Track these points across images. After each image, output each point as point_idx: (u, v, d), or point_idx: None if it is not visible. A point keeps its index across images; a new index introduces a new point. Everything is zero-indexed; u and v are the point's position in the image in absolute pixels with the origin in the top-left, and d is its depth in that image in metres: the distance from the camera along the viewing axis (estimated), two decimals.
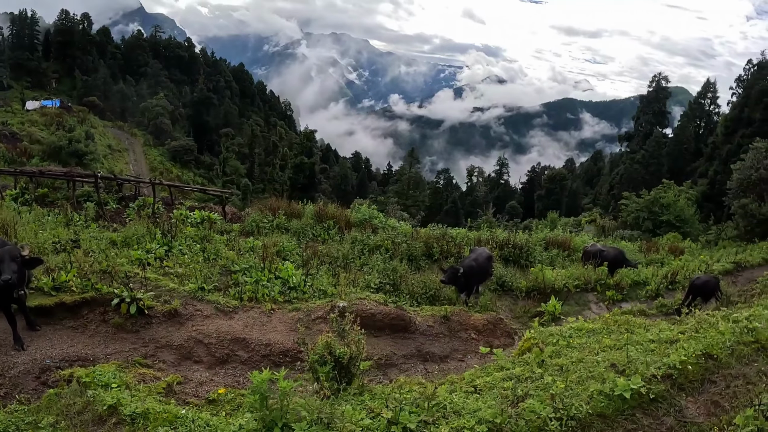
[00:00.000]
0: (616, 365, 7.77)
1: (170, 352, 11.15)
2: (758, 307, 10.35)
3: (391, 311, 13.24)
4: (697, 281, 18.29)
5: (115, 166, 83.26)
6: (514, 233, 24.97)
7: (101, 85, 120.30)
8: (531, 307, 17.24)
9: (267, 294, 13.82)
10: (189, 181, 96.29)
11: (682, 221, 44.23)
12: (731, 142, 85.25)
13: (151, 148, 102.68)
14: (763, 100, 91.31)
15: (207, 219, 21.50)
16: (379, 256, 19.13)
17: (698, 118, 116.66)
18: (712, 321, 9.34)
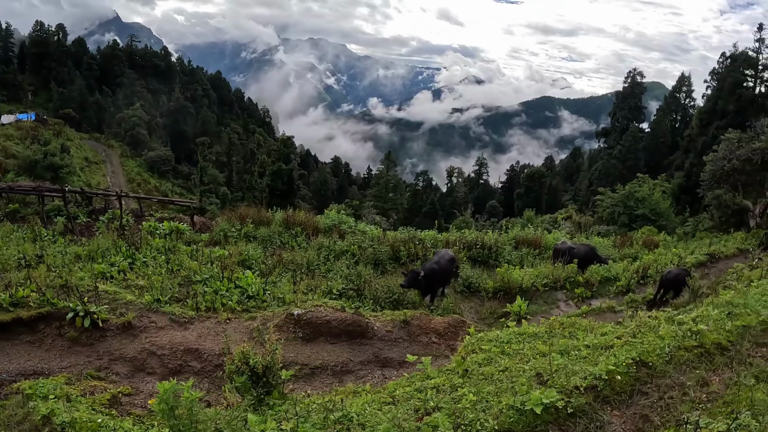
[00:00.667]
0: (541, 375, 7.31)
1: (123, 364, 11.26)
2: (707, 307, 9.96)
3: (347, 317, 13.06)
4: (668, 275, 18.23)
5: (92, 178, 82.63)
6: (484, 233, 24.76)
7: (77, 96, 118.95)
8: (497, 308, 17.09)
9: (224, 303, 13.80)
10: (167, 191, 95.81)
11: (657, 214, 44.18)
12: (706, 134, 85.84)
13: (128, 159, 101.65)
14: (736, 92, 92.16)
15: (175, 230, 21.42)
16: (344, 262, 19.00)
17: (674, 112, 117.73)
18: (653, 324, 8.96)
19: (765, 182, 37.69)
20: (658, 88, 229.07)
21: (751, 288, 11.16)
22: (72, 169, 75.37)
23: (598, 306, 17.27)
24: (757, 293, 10.35)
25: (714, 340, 7.99)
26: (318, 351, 12.23)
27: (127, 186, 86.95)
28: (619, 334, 8.81)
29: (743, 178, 38.28)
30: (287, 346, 11.93)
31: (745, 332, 8.34)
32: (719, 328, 8.35)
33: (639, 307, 17.52)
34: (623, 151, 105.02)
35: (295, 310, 12.92)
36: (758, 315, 8.90)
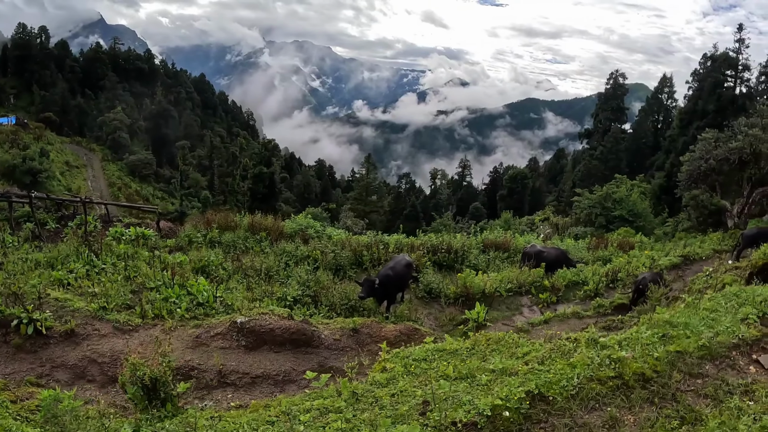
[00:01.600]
0: (429, 403, 6.65)
1: (65, 372, 11.26)
2: (642, 326, 8.83)
3: (291, 325, 12.76)
4: (642, 281, 17.73)
5: (72, 183, 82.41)
6: (452, 236, 24.27)
7: (59, 100, 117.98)
8: (456, 315, 16.60)
9: (172, 311, 13.55)
10: (148, 195, 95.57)
11: (635, 215, 43.87)
12: (686, 135, 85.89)
13: (109, 163, 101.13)
14: (716, 92, 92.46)
15: (141, 236, 21.07)
16: (303, 268, 18.59)
17: (656, 113, 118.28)
18: (569, 347, 7.96)
19: (743, 182, 37.30)
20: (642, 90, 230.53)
21: (703, 301, 10.11)
22: (51, 173, 75.00)
23: (563, 312, 16.73)
24: (707, 308, 9.37)
25: (636, 370, 7.01)
26: (261, 359, 11.99)
27: (108, 190, 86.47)
28: (529, 358, 7.89)
29: (721, 178, 37.88)
30: (229, 355, 11.84)
31: (678, 360, 7.40)
32: (646, 355, 7.36)
33: (606, 312, 17.03)
34: (605, 152, 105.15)
35: (238, 317, 12.67)
36: (698, 338, 7.91)
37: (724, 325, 8.43)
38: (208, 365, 11.46)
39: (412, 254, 20.41)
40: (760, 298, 9.22)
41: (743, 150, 35.37)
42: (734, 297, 9.66)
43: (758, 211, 37.97)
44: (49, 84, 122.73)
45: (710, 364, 7.52)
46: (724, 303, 9.50)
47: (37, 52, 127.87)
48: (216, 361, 11.49)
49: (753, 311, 8.67)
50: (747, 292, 9.78)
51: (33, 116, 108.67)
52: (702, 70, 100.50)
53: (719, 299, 9.69)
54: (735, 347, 7.87)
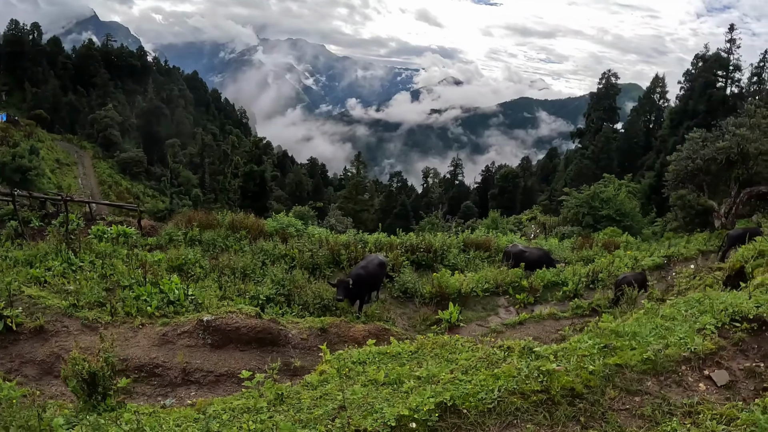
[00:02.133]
0: (345, 408, 6.42)
1: (33, 367, 11.33)
2: (585, 336, 8.28)
3: (257, 324, 12.70)
4: (623, 280, 17.55)
5: (63, 180, 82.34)
6: (433, 235, 24.08)
7: (50, 97, 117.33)
8: (430, 315, 16.39)
9: (142, 309, 13.57)
10: (139, 193, 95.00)
11: (622, 215, 43.69)
12: (677, 135, 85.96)
13: (100, 161, 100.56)
14: (706, 92, 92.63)
15: (122, 234, 21.11)
16: (280, 266, 18.47)
17: (648, 113, 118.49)
18: (499, 356, 7.59)
19: (730, 182, 37.15)
20: (635, 90, 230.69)
21: (664, 307, 9.44)
22: (41, 171, 74.38)
23: (539, 313, 16.53)
24: (665, 316, 8.70)
25: (565, 384, 6.45)
26: (226, 358, 11.96)
27: (98, 188, 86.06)
28: (459, 366, 7.47)
29: (708, 178, 37.69)
30: (195, 353, 11.84)
31: (616, 374, 6.86)
32: (580, 368, 6.81)
33: (584, 313, 16.84)
34: (596, 152, 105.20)
35: (205, 316, 12.65)
36: (643, 350, 7.30)
37: (678, 335, 7.80)
38: (173, 363, 11.45)
39: (390, 253, 20.25)
40: (723, 305, 8.52)
41: (731, 150, 35.24)
42: (696, 304, 9.07)
43: (746, 212, 37.86)
44: (41, 81, 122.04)
45: (653, 380, 6.92)
46: (684, 310, 8.90)
47: (29, 49, 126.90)
48: (180, 359, 11.48)
49: (712, 321, 8.07)
50: (711, 299, 9.18)
51: (24, 113, 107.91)
52: (694, 71, 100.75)
53: (680, 306, 9.14)
54: (685, 361, 7.28)
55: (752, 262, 12.35)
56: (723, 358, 7.42)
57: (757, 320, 7.97)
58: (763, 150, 34.55)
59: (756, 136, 34.79)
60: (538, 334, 14.89)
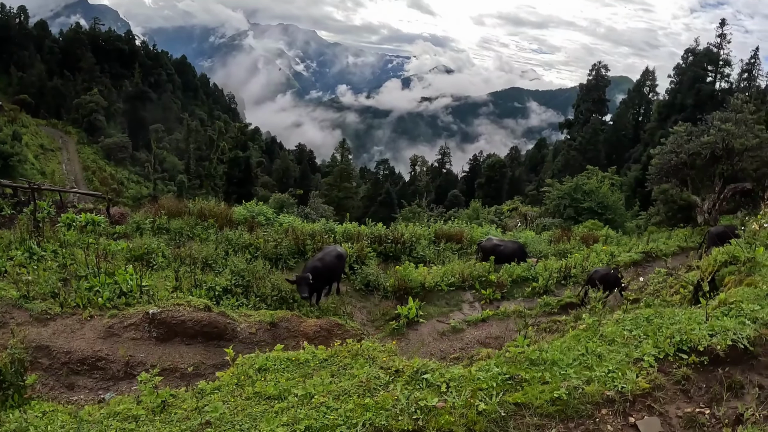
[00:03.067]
0: (210, 425, 6.04)
1: None
2: (492, 361, 6.85)
3: (203, 317, 12.43)
4: (594, 275, 17.06)
5: (47, 166, 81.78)
6: (405, 225, 23.54)
7: (36, 81, 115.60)
8: (390, 309, 15.88)
9: (93, 300, 13.24)
10: (123, 179, 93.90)
11: (604, 208, 43.06)
12: (665, 128, 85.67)
13: (84, 146, 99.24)
14: (695, 86, 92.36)
15: (91, 222, 20.82)
16: (242, 257, 18.04)
17: (637, 106, 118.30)
18: (384, 380, 6.68)
19: (714, 178, 36.66)
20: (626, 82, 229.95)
21: (606, 324, 8.03)
22: (23, 157, 73.28)
23: (503, 310, 15.97)
24: (604, 337, 7.41)
25: (444, 426, 5.46)
26: (171, 352, 11.77)
27: (82, 173, 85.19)
28: (343, 387, 6.57)
29: (692, 172, 37.21)
30: (140, 346, 11.66)
31: (513, 417, 5.67)
32: (470, 405, 5.66)
33: (552, 311, 16.29)
34: (583, 143, 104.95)
35: (150, 308, 12.44)
36: (556, 386, 6.03)
37: (607, 367, 6.47)
38: (117, 356, 11.26)
39: (356, 244, 19.64)
40: (671, 330, 7.10)
41: (716, 145, 34.78)
42: (644, 323, 7.77)
43: (730, 208, 37.46)
44: (28, 65, 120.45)
45: (561, 426, 5.64)
46: (628, 331, 7.54)
47: (15, 33, 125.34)
48: (121, 351, 11.30)
49: (653, 351, 6.67)
50: (662, 319, 7.86)
51: (10, 98, 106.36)
52: (684, 65, 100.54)
53: (626, 323, 7.86)
54: (608, 403, 5.89)
55: (724, 270, 11.41)
56: (658, 401, 6.01)
57: (709, 353, 6.58)
58: (749, 146, 34.08)
59: (742, 132, 34.33)
60: (500, 333, 14.42)
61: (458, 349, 13.79)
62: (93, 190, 79.65)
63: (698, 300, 10.08)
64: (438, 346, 14.07)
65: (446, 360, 12.89)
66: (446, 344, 14.20)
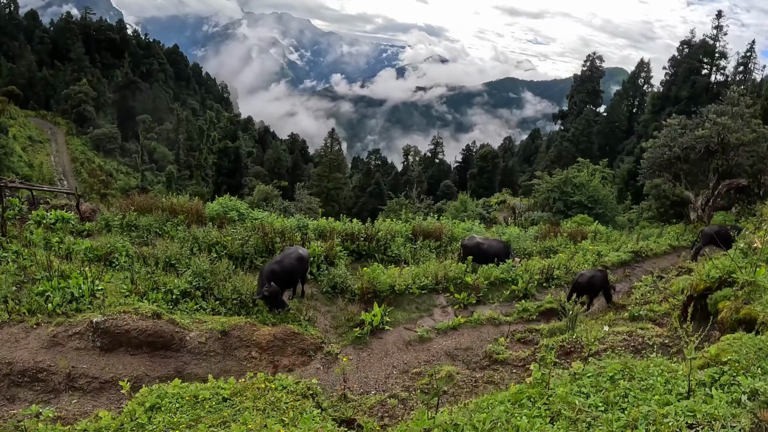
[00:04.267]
0: None
1: None
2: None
3: (147, 326, 11.91)
4: (580, 278, 16.16)
5: (34, 158, 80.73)
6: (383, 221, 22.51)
7: (26, 72, 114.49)
8: (356, 315, 15.02)
9: (42, 306, 12.69)
10: (112, 170, 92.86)
11: (594, 202, 41.96)
12: (659, 120, 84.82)
13: (73, 137, 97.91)
14: (690, 78, 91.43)
15: (61, 219, 20.07)
16: (205, 256, 17.00)
17: (631, 97, 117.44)
18: None
19: (708, 173, 35.67)
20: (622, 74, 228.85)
21: (559, 384, 6.44)
22: (9, 149, 72.15)
23: (477, 317, 14.96)
24: (555, 401, 5.95)
25: None
26: (114, 363, 11.39)
27: (71, 165, 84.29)
28: None
29: (686, 167, 36.25)
30: (83, 356, 11.30)
31: None
32: None
33: (531, 318, 15.29)
34: (576, 134, 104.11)
35: (95, 316, 11.96)
36: None
37: None
38: (59, 367, 10.90)
39: (324, 243, 18.59)
40: (642, 408, 5.37)
41: (710, 139, 33.85)
42: (607, 385, 6.12)
43: (724, 205, 36.55)
44: (18, 56, 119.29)
45: None
46: (584, 397, 5.98)
47: (5, 23, 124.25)
48: (61, 363, 10.94)
49: None
50: (632, 379, 6.20)
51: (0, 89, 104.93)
52: (679, 56, 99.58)
53: (584, 382, 6.31)
54: None
55: (718, 294, 9.95)
56: None
57: None
58: (745, 140, 33.11)
59: (738, 126, 33.37)
60: (470, 343, 13.52)
61: (423, 362, 12.97)
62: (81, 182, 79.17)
63: (687, 317, 8.97)
64: (402, 358, 13.25)
65: (408, 374, 12.00)
66: (411, 355, 13.37)
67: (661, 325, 13.37)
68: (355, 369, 12.58)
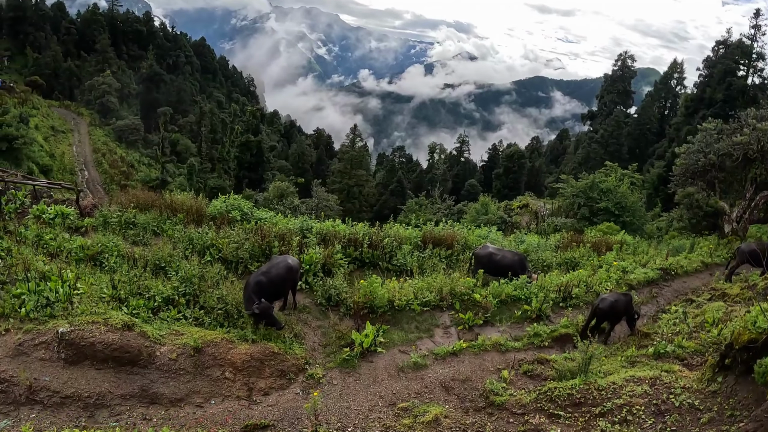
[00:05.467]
0: None
1: None
2: None
3: (113, 340, 11.18)
4: (601, 304, 14.53)
5: (56, 148, 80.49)
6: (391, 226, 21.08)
7: (51, 62, 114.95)
8: (349, 332, 13.60)
9: (16, 310, 12.09)
10: (134, 161, 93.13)
11: (622, 209, 39.89)
12: (691, 123, 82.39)
13: (96, 128, 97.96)
14: (726, 80, 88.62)
15: (60, 214, 19.39)
16: (194, 260, 15.99)
17: (663, 99, 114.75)
18: None
19: (745, 182, 33.65)
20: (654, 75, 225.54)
21: None
22: (29, 139, 71.94)
23: (481, 342, 13.43)
24: None
25: None
26: (77, 377, 10.71)
27: (92, 156, 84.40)
28: None
29: (721, 175, 34.25)
30: (47, 368, 10.75)
31: None
32: None
33: (542, 344, 13.74)
34: (605, 136, 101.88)
35: (62, 326, 11.32)
36: None
37: None
38: (21, 378, 10.35)
39: (323, 250, 17.18)
40: None
41: (749, 146, 31.83)
42: None
43: (761, 218, 34.58)
44: (44, 46, 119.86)
45: None
46: None
47: (31, 14, 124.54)
48: (21, 375, 10.38)
49: None
50: None
51: (25, 79, 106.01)
52: (714, 57, 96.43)
53: None
54: None
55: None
56: None
57: None
58: None
59: None
60: (470, 373, 12.05)
61: (414, 394, 11.58)
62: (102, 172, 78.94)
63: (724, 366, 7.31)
64: (391, 387, 11.89)
65: (393, 408, 10.63)
66: (402, 384, 12.00)
67: (690, 366, 11.70)
68: (338, 397, 11.40)
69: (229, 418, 10.24)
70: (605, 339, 14.85)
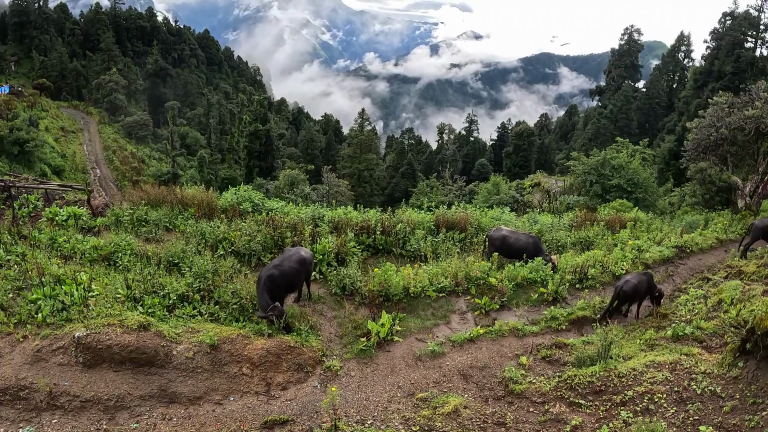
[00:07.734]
0: None
1: None
2: None
3: (129, 342, 11.12)
4: (625, 286, 14.52)
5: (67, 148, 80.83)
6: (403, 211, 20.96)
7: (57, 64, 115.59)
8: (364, 322, 13.59)
9: (33, 316, 12.03)
10: (144, 157, 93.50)
11: (634, 185, 39.68)
12: (701, 97, 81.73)
13: (105, 125, 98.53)
14: (734, 52, 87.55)
15: (72, 215, 19.41)
16: (207, 255, 15.91)
17: (671, 72, 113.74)
18: None
19: (758, 156, 33.28)
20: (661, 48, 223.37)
21: None
22: (39, 142, 72.48)
23: (498, 327, 13.32)
24: None
25: None
26: (96, 380, 10.73)
27: (103, 153, 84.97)
28: None
29: (733, 149, 33.92)
30: (66, 373, 10.75)
31: None
32: None
33: (560, 327, 13.63)
34: (614, 111, 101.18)
35: (78, 330, 11.28)
36: None
37: None
38: (41, 385, 10.35)
39: (336, 239, 17.10)
40: None
41: (761, 119, 31.42)
42: None
43: None
44: (49, 49, 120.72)
45: None
46: None
47: (35, 17, 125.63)
48: (41, 382, 10.40)
49: None
50: None
51: (32, 82, 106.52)
52: (721, 29, 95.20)
53: None
54: None
55: None
56: None
57: None
58: None
59: None
60: (488, 360, 11.97)
61: (432, 383, 11.52)
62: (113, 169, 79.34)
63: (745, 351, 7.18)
64: (409, 376, 11.82)
65: (412, 399, 10.61)
66: (420, 373, 11.91)
67: (709, 349, 11.67)
68: (357, 388, 11.36)
69: (244, 425, 10.16)
70: (635, 315, 14.97)
